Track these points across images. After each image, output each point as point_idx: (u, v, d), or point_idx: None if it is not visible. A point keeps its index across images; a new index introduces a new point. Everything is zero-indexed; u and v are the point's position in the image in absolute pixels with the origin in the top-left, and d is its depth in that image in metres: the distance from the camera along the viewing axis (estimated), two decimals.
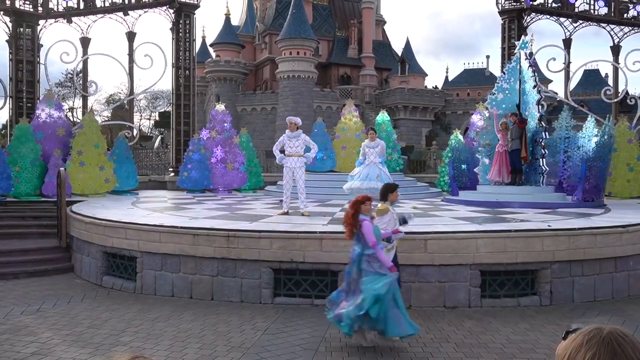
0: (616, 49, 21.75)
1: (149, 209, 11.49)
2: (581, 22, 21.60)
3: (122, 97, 34.08)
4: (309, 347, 5.82)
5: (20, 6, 18.79)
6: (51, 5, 19.37)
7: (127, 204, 12.65)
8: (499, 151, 13.34)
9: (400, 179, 15.69)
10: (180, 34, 20.91)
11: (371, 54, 52.40)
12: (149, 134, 59.48)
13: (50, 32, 33.10)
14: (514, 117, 12.92)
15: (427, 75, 51.23)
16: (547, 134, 12.85)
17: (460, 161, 15.33)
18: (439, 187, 18.85)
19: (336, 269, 7.60)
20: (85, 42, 20.15)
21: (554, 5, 21.47)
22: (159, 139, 50.63)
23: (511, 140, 12.97)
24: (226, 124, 17.86)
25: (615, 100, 21.23)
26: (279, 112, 46.06)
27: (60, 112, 16.31)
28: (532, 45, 13.93)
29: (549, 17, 21.77)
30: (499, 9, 22.04)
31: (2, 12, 18.73)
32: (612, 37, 21.80)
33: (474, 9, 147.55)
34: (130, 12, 20.12)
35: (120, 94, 53.55)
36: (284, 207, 10.56)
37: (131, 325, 6.67)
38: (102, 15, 19.99)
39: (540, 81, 14.00)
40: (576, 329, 1.24)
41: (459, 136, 18.38)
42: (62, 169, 12.04)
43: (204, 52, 51.59)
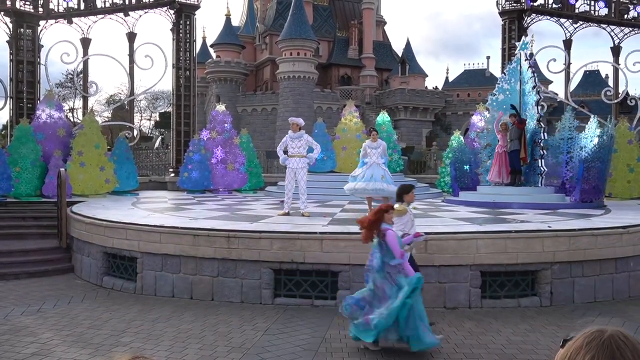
0: (616, 50, 21.76)
1: (150, 210, 11.50)
2: (581, 23, 21.62)
3: (123, 98, 34.09)
4: (310, 348, 5.82)
5: (20, 7, 18.80)
6: (52, 5, 19.38)
7: (128, 205, 12.66)
8: (498, 152, 13.35)
9: (400, 180, 15.68)
10: (180, 35, 20.93)
11: (371, 54, 52.42)
12: (150, 135, 59.51)
13: (50, 33, 33.14)
14: (513, 117, 12.93)
15: (427, 75, 51.25)
16: (545, 134, 12.84)
17: (462, 162, 15.30)
18: (439, 187, 18.86)
19: (336, 270, 7.61)
20: (85, 42, 20.17)
21: (554, 6, 21.49)
22: (160, 139, 50.65)
23: (510, 141, 12.98)
24: (226, 125, 17.87)
25: (615, 101, 21.23)
26: (279, 112, 46.08)
27: (60, 113, 16.33)
28: (532, 46, 13.93)
29: (549, 18, 21.78)
30: (499, 9, 22.06)
31: (2, 13, 18.74)
32: (613, 38, 21.81)
33: (473, 10, 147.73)
34: (130, 13, 20.14)
35: (120, 94, 53.63)
36: (285, 207, 10.55)
37: (131, 325, 6.67)
38: (103, 15, 20.01)
39: (540, 82, 14.02)
40: (573, 337, 1.24)
41: (459, 137, 18.40)
42: (63, 169, 12.05)
43: (204, 53, 51.62)
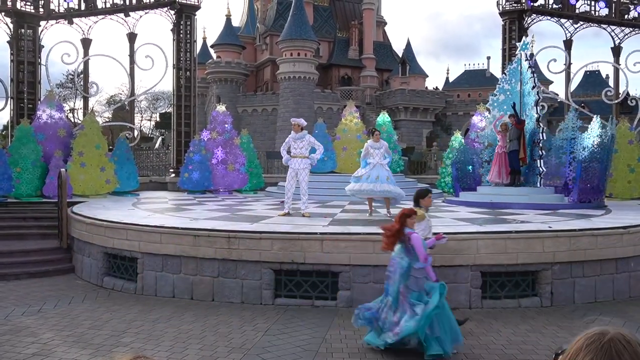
0: (617, 50, 21.77)
1: (150, 210, 11.50)
2: (582, 23, 21.63)
3: (123, 98, 34.11)
4: (310, 349, 5.82)
5: (21, 7, 18.82)
6: (52, 6, 19.40)
7: (128, 205, 12.67)
8: (498, 152, 13.35)
9: (401, 180, 15.67)
10: (181, 35, 20.95)
11: (372, 55, 52.41)
12: (150, 135, 59.56)
13: (51, 33, 33.17)
14: (512, 118, 12.94)
15: (427, 76, 51.24)
16: (544, 135, 12.84)
17: (465, 162, 15.26)
18: (440, 188, 18.86)
19: (337, 270, 7.61)
20: (86, 43, 20.19)
21: (554, 6, 21.50)
22: (160, 139, 50.67)
23: (509, 141, 12.99)
24: (227, 125, 17.88)
25: (616, 101, 21.23)
26: (279, 113, 46.09)
27: (61, 113, 16.34)
28: (532, 46, 13.91)
29: (549, 18, 21.79)
30: (499, 10, 22.07)
31: (3, 13, 18.77)
32: (613, 38, 21.82)
33: (473, 10, 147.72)
34: (131, 13, 20.16)
35: (121, 95, 53.66)
36: (286, 208, 10.54)
37: (132, 326, 6.67)
38: (103, 16, 20.03)
39: (541, 82, 14.02)
40: (565, 350, 1.23)
41: (459, 137, 18.40)
42: (63, 170, 12.05)
43: (204, 53, 51.63)
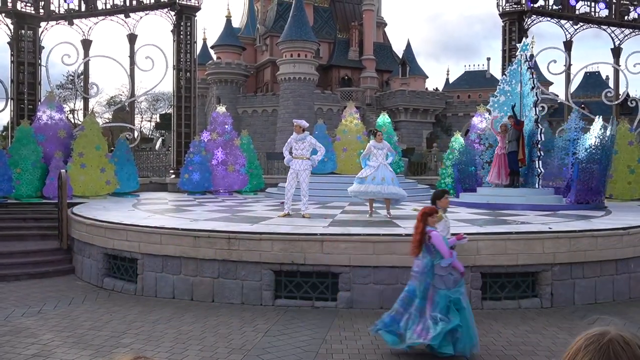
0: (617, 51, 21.79)
1: (150, 211, 11.50)
2: (582, 24, 21.65)
3: (123, 99, 34.12)
4: (310, 349, 5.82)
5: (21, 8, 18.83)
6: (52, 7, 19.42)
7: (128, 206, 12.67)
8: (498, 153, 13.36)
9: (401, 181, 15.65)
10: (181, 36, 20.97)
11: (372, 56, 52.44)
12: (150, 136, 59.59)
13: (51, 34, 33.21)
14: (511, 119, 12.96)
15: (427, 77, 51.28)
16: (542, 135, 12.84)
17: (467, 163, 15.22)
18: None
19: (337, 271, 7.61)
20: (86, 44, 20.21)
21: (554, 7, 21.52)
22: (160, 140, 50.70)
23: (508, 142, 13.00)
24: (227, 126, 17.88)
25: (616, 102, 21.25)
26: (279, 114, 46.11)
27: (61, 114, 16.34)
28: (532, 47, 13.91)
29: (549, 19, 21.81)
30: (499, 11, 22.09)
31: (3, 14, 18.78)
32: (613, 39, 21.84)
33: (473, 11, 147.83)
34: (131, 15, 20.18)
35: (121, 95, 53.64)
36: (286, 208, 10.53)
37: (132, 327, 6.67)
38: (104, 17, 20.05)
39: (541, 83, 14.03)
40: None
41: (459, 138, 18.39)
42: (63, 170, 12.06)
43: (204, 54, 51.65)
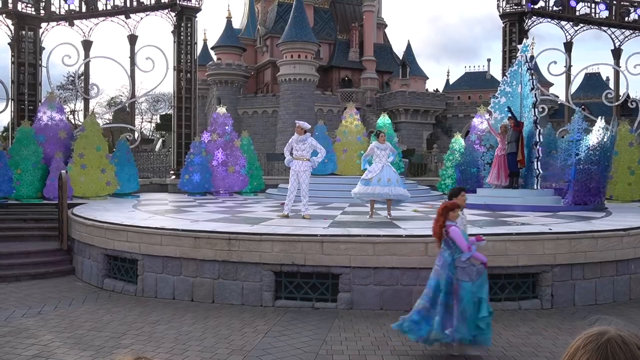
0: (617, 52, 21.80)
1: (150, 212, 11.50)
2: (582, 25, 21.67)
3: (124, 100, 34.14)
4: (310, 350, 5.82)
5: (22, 9, 18.87)
6: (53, 8, 19.46)
7: (129, 207, 12.68)
8: (497, 155, 13.36)
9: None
10: (181, 37, 20.98)
11: (372, 57, 52.45)
12: (151, 137, 59.62)
13: (52, 35, 33.26)
14: (510, 120, 12.96)
15: (428, 78, 51.22)
16: (541, 137, 12.85)
17: (469, 164, 15.21)
18: (440, 190, 18.86)
19: (337, 272, 7.61)
20: (86, 45, 20.24)
21: (555, 8, 21.54)
22: (160, 141, 50.73)
23: (508, 143, 13.01)
24: (227, 127, 17.89)
25: (616, 103, 21.26)
26: (280, 115, 46.12)
27: (61, 115, 16.35)
28: (533, 48, 13.92)
29: (550, 20, 21.84)
30: (500, 12, 22.11)
31: (4, 15, 18.81)
32: (613, 41, 21.85)
33: (474, 12, 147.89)
34: (131, 15, 20.21)
35: (121, 96, 53.67)
36: (286, 209, 10.53)
37: (132, 328, 6.67)
38: (104, 18, 20.08)
39: (541, 84, 14.04)
40: None
41: (460, 139, 18.40)
42: (64, 171, 12.07)
43: (205, 55, 51.68)
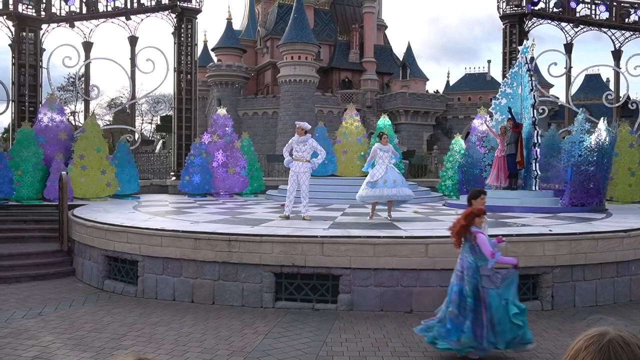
0: (617, 54, 21.80)
1: (151, 213, 11.51)
2: (582, 26, 21.67)
3: (124, 101, 34.17)
4: (311, 352, 5.82)
5: (23, 10, 18.88)
6: (54, 9, 19.47)
7: (129, 208, 12.68)
8: (497, 156, 13.36)
9: None
10: (182, 39, 20.99)
11: (372, 58, 52.50)
12: (151, 138, 59.66)
13: (52, 37, 33.26)
14: (510, 122, 12.97)
15: (428, 79, 51.26)
16: (540, 137, 12.84)
17: (471, 165, 15.18)
18: (441, 191, 18.84)
19: (337, 273, 7.61)
20: (87, 46, 20.25)
21: (555, 10, 21.55)
22: (161, 143, 50.75)
23: (507, 144, 13.01)
24: (227, 128, 17.89)
25: (616, 104, 21.26)
26: (280, 116, 46.15)
27: (62, 116, 16.36)
28: (533, 50, 13.94)
29: (550, 22, 21.84)
30: (500, 13, 22.12)
31: (5, 16, 18.83)
32: (614, 42, 21.85)
33: (474, 14, 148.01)
34: (132, 17, 20.23)
35: (122, 98, 53.69)
36: (286, 210, 10.52)
37: (132, 329, 6.67)
38: (105, 19, 20.10)
39: (541, 86, 14.04)
40: None
41: (460, 141, 18.38)
42: (64, 172, 12.07)
43: (205, 57, 51.73)
